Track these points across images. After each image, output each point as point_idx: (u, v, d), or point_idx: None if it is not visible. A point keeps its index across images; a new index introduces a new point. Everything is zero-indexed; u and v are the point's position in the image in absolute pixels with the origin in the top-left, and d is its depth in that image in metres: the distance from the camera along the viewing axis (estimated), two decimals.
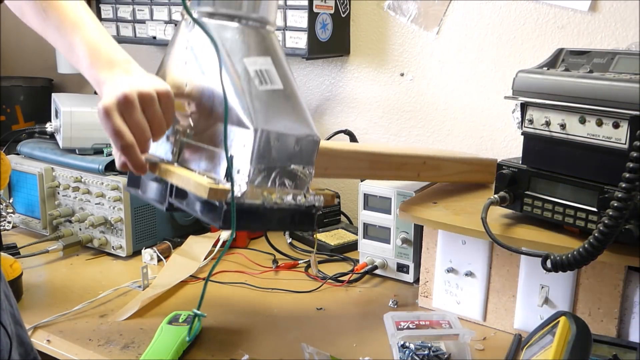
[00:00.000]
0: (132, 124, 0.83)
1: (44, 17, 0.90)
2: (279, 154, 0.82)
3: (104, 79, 0.86)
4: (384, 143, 1.17)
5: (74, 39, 0.89)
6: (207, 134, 0.87)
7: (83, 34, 0.89)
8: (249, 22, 0.87)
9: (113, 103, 0.82)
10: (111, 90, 0.84)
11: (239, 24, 0.87)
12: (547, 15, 1.30)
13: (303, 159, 0.85)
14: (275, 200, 0.83)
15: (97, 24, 0.91)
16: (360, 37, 1.54)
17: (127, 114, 0.82)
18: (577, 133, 0.91)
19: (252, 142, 0.80)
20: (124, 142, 0.82)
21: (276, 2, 0.91)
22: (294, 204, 0.85)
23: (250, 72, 0.83)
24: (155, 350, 0.95)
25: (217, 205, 0.82)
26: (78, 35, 0.88)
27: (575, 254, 0.83)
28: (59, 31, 0.90)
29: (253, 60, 0.84)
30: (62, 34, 0.90)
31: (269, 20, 0.89)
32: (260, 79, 0.83)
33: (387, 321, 1.02)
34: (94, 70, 0.87)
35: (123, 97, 0.82)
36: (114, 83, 0.85)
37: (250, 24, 0.87)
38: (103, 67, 0.87)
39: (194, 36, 0.88)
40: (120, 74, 0.86)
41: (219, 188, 0.80)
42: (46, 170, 1.41)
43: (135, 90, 0.83)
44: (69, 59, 0.91)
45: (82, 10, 0.91)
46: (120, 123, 0.82)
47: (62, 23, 0.89)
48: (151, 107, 0.84)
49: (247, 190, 0.80)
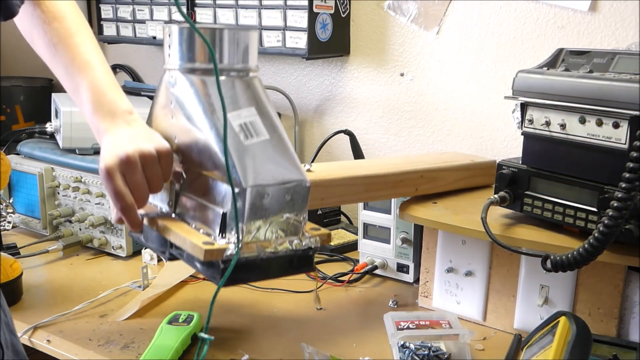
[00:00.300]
0: (133, 184, 0.84)
1: (54, 52, 0.90)
2: (271, 207, 0.83)
3: (105, 128, 0.87)
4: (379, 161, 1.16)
5: (80, 81, 0.89)
6: (199, 186, 0.89)
7: (90, 78, 0.89)
8: (231, 73, 0.88)
9: (115, 164, 0.82)
10: (112, 146, 0.84)
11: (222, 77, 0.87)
12: (547, 15, 1.30)
13: (295, 207, 0.85)
14: (271, 251, 0.84)
15: (105, 68, 0.91)
16: (360, 37, 1.54)
17: (129, 175, 0.83)
18: (577, 133, 0.91)
19: (242, 200, 0.81)
20: (124, 203, 0.84)
21: (257, 45, 0.91)
22: (291, 250, 0.86)
23: (234, 127, 0.83)
24: (155, 350, 0.95)
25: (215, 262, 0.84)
26: (85, 79, 0.89)
27: (575, 254, 0.83)
28: (67, 69, 0.90)
29: (237, 115, 0.84)
30: (69, 73, 0.90)
31: (251, 67, 0.90)
32: (246, 133, 0.84)
33: (387, 321, 1.02)
34: (96, 117, 0.88)
35: (125, 157, 0.83)
36: (115, 137, 0.86)
37: (232, 75, 0.88)
38: (105, 116, 0.87)
39: (177, 91, 0.88)
40: (121, 126, 0.87)
41: (214, 249, 0.81)
42: (46, 170, 1.41)
43: (137, 150, 0.84)
44: (73, 97, 0.92)
45: (92, 52, 0.91)
46: (121, 185, 0.83)
47: (72, 63, 0.89)
48: (152, 167, 0.85)
49: (241, 247, 0.82)
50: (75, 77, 0.89)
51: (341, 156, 1.61)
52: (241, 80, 0.88)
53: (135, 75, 1.99)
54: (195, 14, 1.62)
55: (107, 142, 0.86)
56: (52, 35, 0.90)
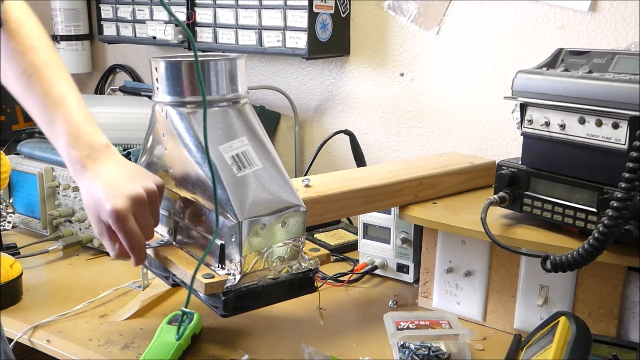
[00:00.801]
0: (144, 223, 0.85)
1: (27, 83, 0.88)
2: (268, 237, 0.85)
3: (84, 164, 0.86)
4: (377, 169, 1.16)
5: (56, 114, 0.87)
6: (196, 216, 0.90)
7: (66, 110, 0.87)
8: (222, 104, 0.89)
9: (127, 205, 0.82)
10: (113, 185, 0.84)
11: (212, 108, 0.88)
12: (547, 15, 1.30)
13: (293, 232, 0.87)
14: (271, 277, 0.85)
15: (81, 102, 0.89)
16: (360, 37, 1.54)
17: (140, 215, 0.84)
18: (577, 133, 0.91)
19: (238, 233, 0.82)
20: (138, 243, 0.85)
21: (245, 71, 0.92)
22: (291, 274, 0.87)
23: (227, 159, 0.85)
24: (155, 350, 0.95)
25: None
26: (61, 111, 0.87)
27: (575, 254, 0.83)
28: (41, 102, 0.88)
29: (228, 146, 0.85)
30: (43, 106, 0.88)
31: (242, 94, 0.90)
32: (238, 165, 0.85)
33: (387, 321, 1.02)
34: (74, 150, 0.86)
35: (137, 197, 0.83)
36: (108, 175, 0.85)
37: (223, 105, 0.89)
38: (84, 149, 0.86)
39: (169, 124, 0.89)
40: (105, 161, 0.86)
41: (214, 282, 0.83)
42: (46, 170, 1.41)
43: (145, 189, 0.84)
44: (46, 131, 0.89)
45: (68, 86, 0.89)
46: (135, 225, 0.83)
47: (46, 95, 0.87)
48: (156, 204, 0.87)
49: (241, 278, 0.83)
50: (50, 110, 0.87)
51: (341, 156, 1.61)
52: (233, 109, 0.89)
53: (135, 75, 1.99)
54: (195, 14, 1.62)
55: (100, 181, 0.85)
56: (26, 66, 0.88)
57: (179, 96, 0.88)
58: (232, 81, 0.89)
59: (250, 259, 0.84)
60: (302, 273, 0.88)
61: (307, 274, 0.88)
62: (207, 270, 0.85)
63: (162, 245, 0.95)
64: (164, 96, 0.89)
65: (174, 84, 0.88)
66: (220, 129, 0.86)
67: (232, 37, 1.58)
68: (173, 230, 0.95)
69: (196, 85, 0.86)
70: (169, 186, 0.94)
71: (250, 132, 0.88)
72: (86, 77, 2.08)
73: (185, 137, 0.87)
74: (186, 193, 0.91)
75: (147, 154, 0.98)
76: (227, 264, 0.85)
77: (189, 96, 0.87)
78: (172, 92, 0.88)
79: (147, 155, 0.98)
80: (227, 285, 0.83)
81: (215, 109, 0.88)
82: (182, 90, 0.87)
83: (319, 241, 1.40)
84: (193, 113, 0.87)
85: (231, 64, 0.89)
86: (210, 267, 0.86)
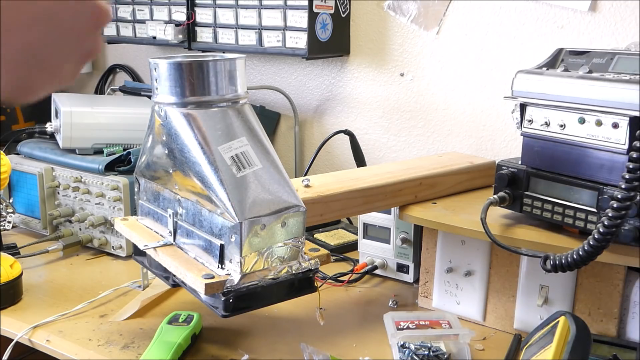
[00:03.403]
0: None
1: None
2: (268, 237, 0.85)
3: None
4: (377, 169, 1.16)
5: None
6: (196, 216, 0.90)
7: None
8: (222, 104, 0.89)
9: None
10: None
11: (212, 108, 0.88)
12: (547, 15, 1.30)
13: (292, 232, 0.87)
14: (271, 277, 0.85)
15: None
16: (360, 37, 1.54)
17: None
18: (577, 133, 0.91)
19: (238, 233, 0.82)
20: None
21: (245, 70, 0.92)
22: (291, 274, 0.87)
23: (226, 160, 0.85)
24: (155, 350, 0.95)
25: None
26: None
27: (574, 254, 0.83)
28: None
29: (227, 147, 0.85)
30: None
31: (241, 94, 0.90)
32: (238, 165, 0.85)
33: (387, 321, 1.02)
34: None
35: None
36: None
37: (223, 105, 0.89)
38: None
39: (169, 124, 0.89)
40: None
41: (214, 282, 0.83)
42: (46, 170, 1.41)
43: None
44: None
45: None
46: None
47: None
48: None
49: (241, 278, 0.83)
50: None
51: (341, 156, 1.61)
52: (232, 109, 0.89)
53: (135, 75, 1.99)
54: (195, 14, 1.62)
55: None
56: None
57: (178, 96, 0.88)
58: (232, 81, 0.89)
59: (250, 259, 0.84)
60: (302, 273, 0.88)
61: (307, 274, 0.88)
62: (206, 271, 0.85)
63: (162, 245, 0.95)
64: (164, 96, 0.89)
65: (174, 85, 0.88)
66: (219, 130, 0.86)
67: (232, 37, 1.58)
68: (173, 230, 0.95)
69: (196, 86, 0.86)
70: (169, 186, 0.94)
71: (249, 133, 0.88)
72: (86, 77, 2.08)
73: (186, 138, 0.87)
74: (186, 193, 0.91)
75: (147, 154, 0.98)
76: (227, 264, 0.85)
77: (188, 96, 0.87)
78: (172, 93, 0.88)
79: (147, 155, 0.98)
80: (227, 286, 0.83)
81: (214, 109, 0.88)
82: (182, 91, 0.87)
83: (319, 241, 1.40)
84: (194, 113, 0.87)
85: (230, 64, 0.89)
86: (210, 268, 0.86)
